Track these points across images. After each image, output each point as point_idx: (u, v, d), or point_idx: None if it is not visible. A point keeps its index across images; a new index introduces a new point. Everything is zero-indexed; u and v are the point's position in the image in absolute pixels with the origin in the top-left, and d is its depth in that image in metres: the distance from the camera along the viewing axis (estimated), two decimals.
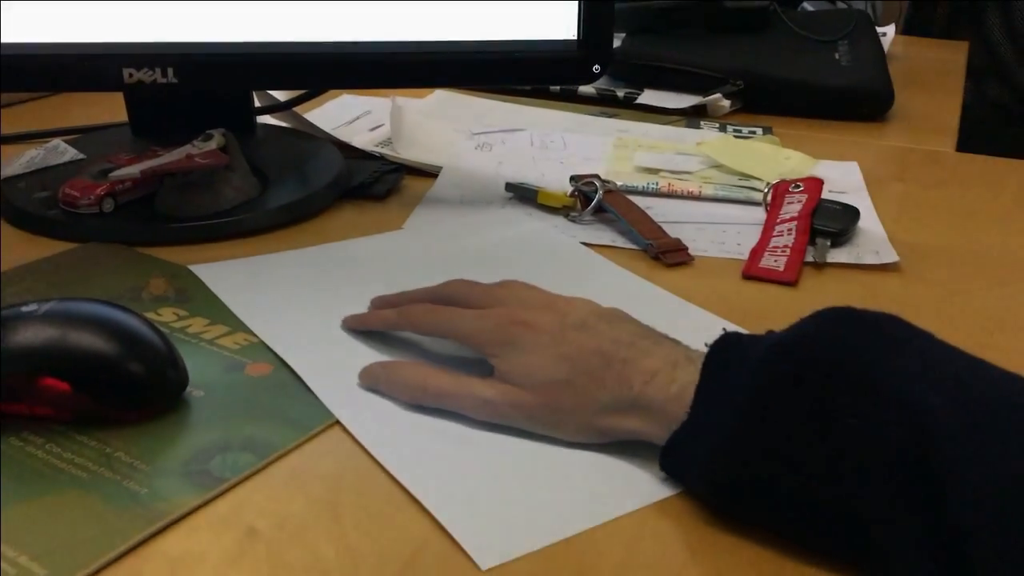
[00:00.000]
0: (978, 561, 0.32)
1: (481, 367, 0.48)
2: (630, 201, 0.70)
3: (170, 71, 0.65)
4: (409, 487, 0.42)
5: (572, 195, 0.70)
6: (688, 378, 0.42)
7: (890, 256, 0.65)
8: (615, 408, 0.44)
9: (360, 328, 0.54)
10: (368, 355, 0.52)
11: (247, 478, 0.43)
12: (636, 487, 0.43)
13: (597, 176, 0.71)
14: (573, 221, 0.69)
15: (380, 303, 0.55)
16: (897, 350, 0.38)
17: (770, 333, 0.42)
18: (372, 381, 0.49)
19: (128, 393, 0.46)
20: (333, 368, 0.50)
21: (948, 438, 0.34)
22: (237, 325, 0.54)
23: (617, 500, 0.42)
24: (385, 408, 0.48)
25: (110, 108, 0.80)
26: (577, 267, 0.63)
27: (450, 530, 0.40)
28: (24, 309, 0.46)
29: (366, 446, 0.45)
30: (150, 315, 0.53)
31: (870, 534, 0.36)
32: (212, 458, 0.44)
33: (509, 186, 0.73)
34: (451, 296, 0.53)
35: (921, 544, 0.34)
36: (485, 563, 0.38)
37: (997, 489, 0.33)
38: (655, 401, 0.42)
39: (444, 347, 0.52)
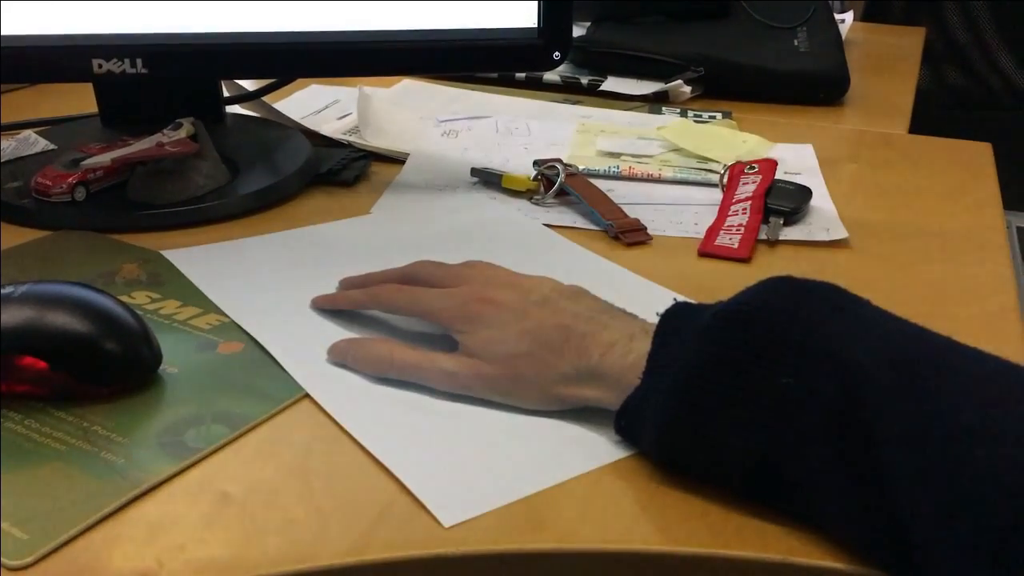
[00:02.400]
0: (900, 500, 0.35)
1: (446, 343, 0.50)
2: (591, 184, 0.72)
3: (139, 61, 0.66)
4: (374, 451, 0.44)
5: (535, 179, 0.73)
6: (643, 348, 0.44)
7: (840, 233, 0.67)
8: (574, 378, 0.46)
9: (329, 308, 0.56)
10: (336, 333, 0.53)
11: (220, 448, 0.45)
12: (591, 450, 0.45)
13: (559, 160, 0.73)
14: (537, 204, 0.71)
15: (348, 283, 0.57)
16: (833, 315, 0.41)
17: (718, 303, 0.44)
18: (340, 356, 0.51)
19: (104, 370, 0.48)
20: (302, 345, 0.52)
21: (877, 391, 0.37)
22: (209, 307, 0.56)
23: (573, 462, 0.44)
24: (353, 381, 0.50)
25: (80, 99, 0.81)
26: (540, 248, 0.66)
27: (414, 491, 0.42)
28: (1, 291, 0.47)
29: (334, 416, 0.47)
30: (124, 298, 0.55)
31: (803, 485, 0.38)
32: (186, 430, 0.46)
33: (474, 171, 0.75)
34: (417, 276, 0.55)
35: (848, 491, 0.37)
36: (447, 520, 0.40)
37: (920, 435, 0.35)
38: (612, 370, 0.45)
39: (410, 324, 0.54)
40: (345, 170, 0.74)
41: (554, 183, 0.71)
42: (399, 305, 0.54)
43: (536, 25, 0.70)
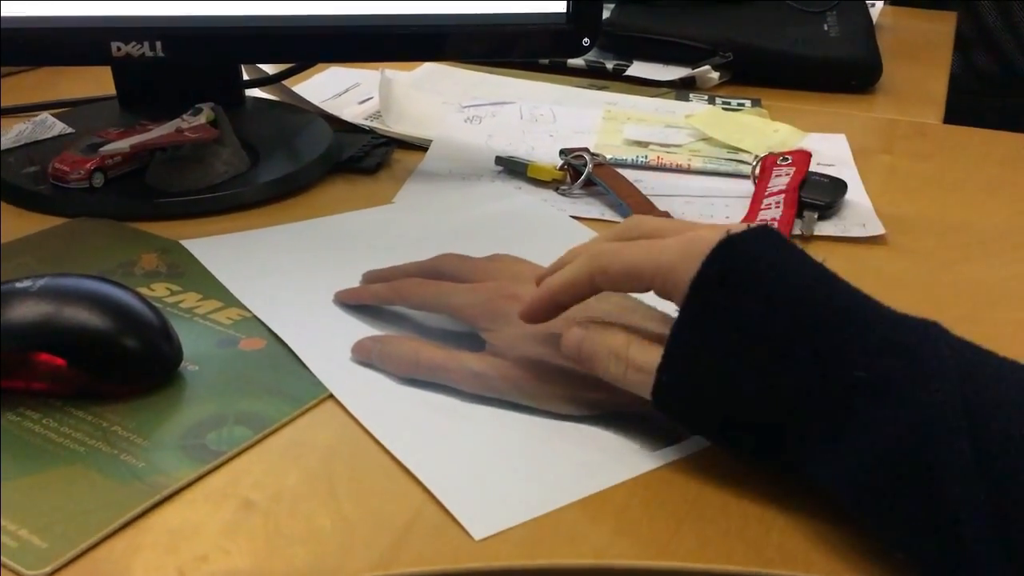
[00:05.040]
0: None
1: (472, 341, 0.49)
2: (619, 174, 0.70)
3: (158, 45, 0.65)
4: (402, 458, 0.43)
5: (562, 168, 0.71)
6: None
7: (876, 228, 0.65)
8: (602, 380, 0.44)
9: (352, 302, 0.54)
10: (360, 329, 0.52)
11: (243, 451, 0.43)
12: (625, 458, 0.43)
13: (587, 149, 0.71)
14: (563, 195, 0.70)
15: (372, 277, 0.56)
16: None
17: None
18: (365, 355, 0.50)
19: (123, 368, 0.46)
20: (326, 342, 0.51)
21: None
22: (230, 300, 0.55)
23: (607, 472, 0.42)
24: (378, 381, 0.48)
25: (98, 81, 0.80)
26: (566, 241, 0.64)
27: (442, 500, 0.40)
28: (19, 285, 0.46)
29: (359, 419, 0.45)
30: (143, 290, 0.54)
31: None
32: (208, 432, 0.44)
33: (499, 160, 0.73)
34: (442, 270, 0.53)
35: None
36: (478, 533, 0.39)
37: (876, 348, 0.37)
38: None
39: (436, 321, 0.53)
40: (367, 157, 0.73)
41: (581, 173, 0.70)
42: (423, 300, 0.52)
43: (565, 10, 0.68)
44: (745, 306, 0.39)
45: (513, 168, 0.72)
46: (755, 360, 0.39)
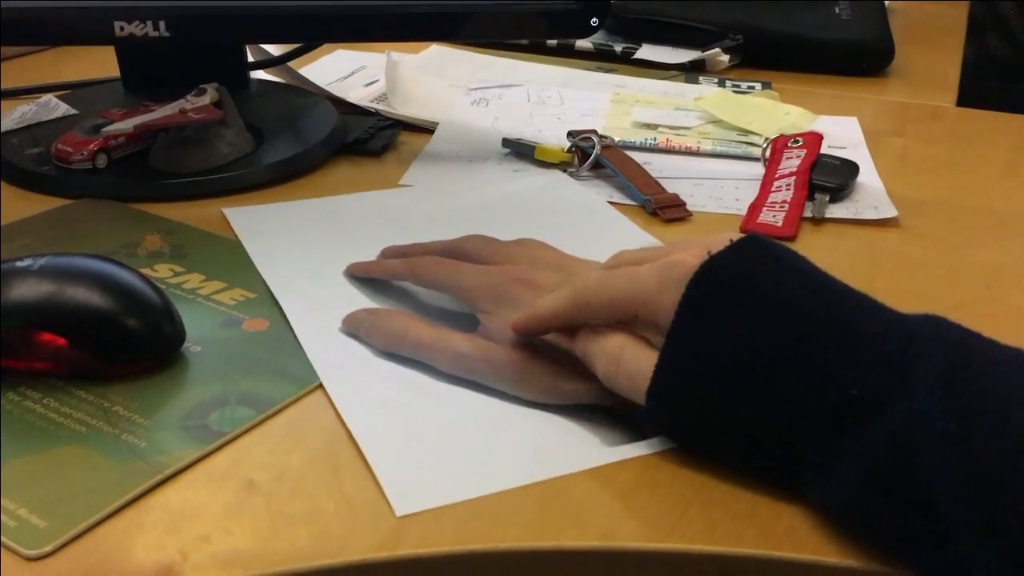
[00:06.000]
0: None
1: (469, 321, 0.48)
2: (628, 156, 0.69)
3: (162, 24, 0.64)
4: (350, 425, 0.42)
5: (570, 150, 0.70)
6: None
7: (889, 211, 0.64)
8: (590, 374, 0.43)
9: (363, 275, 0.54)
10: (360, 303, 0.51)
11: (245, 432, 0.43)
12: (578, 450, 0.42)
13: (595, 131, 0.71)
14: (571, 176, 0.69)
15: (391, 252, 0.55)
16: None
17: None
18: (354, 326, 0.49)
19: (125, 348, 0.46)
20: (323, 315, 0.50)
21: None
22: (233, 281, 0.54)
23: (556, 461, 0.41)
24: (358, 352, 0.48)
25: (101, 63, 0.79)
26: (586, 219, 0.63)
27: (376, 473, 0.40)
28: (19, 264, 0.46)
29: (324, 384, 0.45)
30: (146, 271, 0.53)
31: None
32: (210, 412, 0.44)
33: (506, 142, 0.72)
34: (463, 250, 0.52)
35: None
36: (400, 509, 0.38)
37: (868, 362, 0.36)
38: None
39: (437, 300, 0.52)
40: (373, 139, 0.72)
41: (589, 155, 0.69)
42: (434, 279, 0.51)
43: None
44: (731, 331, 0.38)
45: (520, 151, 0.72)
46: (743, 386, 0.38)
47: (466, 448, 0.42)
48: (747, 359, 0.38)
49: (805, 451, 0.37)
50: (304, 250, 0.57)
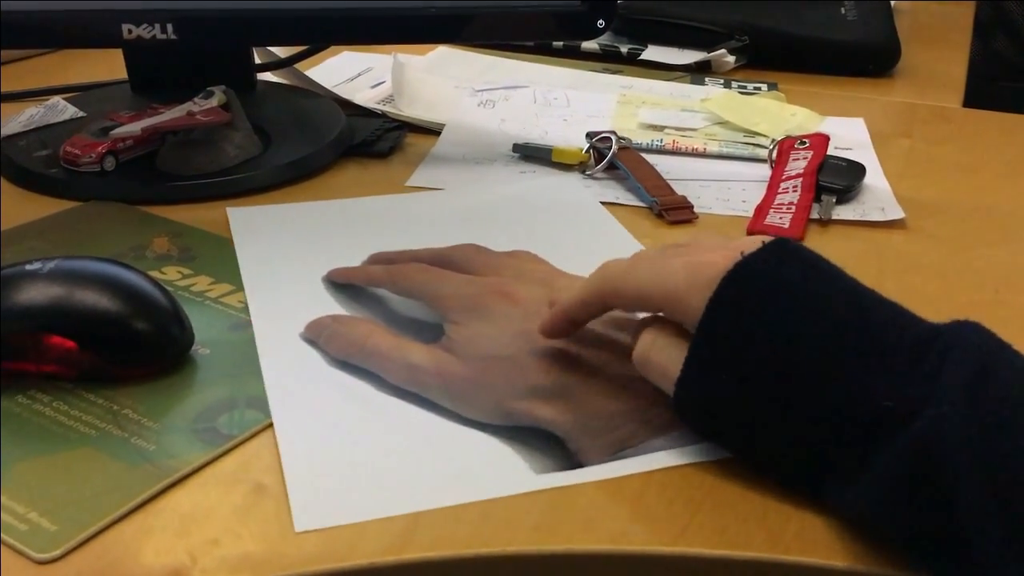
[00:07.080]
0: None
1: (435, 332, 0.47)
2: (642, 158, 0.69)
3: (169, 27, 0.64)
4: (278, 433, 0.42)
5: (587, 151, 0.70)
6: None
7: (896, 213, 0.64)
8: (541, 394, 0.43)
9: (343, 281, 0.53)
10: (330, 309, 0.51)
11: (254, 435, 0.43)
12: (505, 475, 0.41)
13: (613, 132, 0.70)
14: (586, 178, 0.69)
15: (377, 258, 0.55)
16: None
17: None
18: (315, 334, 0.48)
19: (134, 351, 0.46)
20: (289, 320, 0.50)
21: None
22: (242, 284, 0.54)
23: (478, 484, 0.40)
24: (311, 359, 0.47)
25: (109, 65, 0.80)
26: (589, 225, 0.63)
27: (288, 485, 0.39)
28: (28, 267, 0.46)
29: (267, 387, 0.45)
30: (154, 274, 0.53)
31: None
32: (219, 415, 0.44)
33: (517, 147, 0.72)
34: (454, 260, 0.52)
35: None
36: (300, 524, 0.38)
37: (903, 374, 0.36)
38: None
39: (408, 309, 0.51)
40: (380, 141, 0.72)
41: (604, 156, 0.69)
42: (414, 286, 0.50)
43: None
44: (763, 332, 0.38)
45: (530, 154, 0.71)
46: (774, 390, 0.37)
47: (387, 466, 0.41)
48: (780, 363, 0.37)
49: (834, 457, 0.37)
50: (291, 253, 0.56)
